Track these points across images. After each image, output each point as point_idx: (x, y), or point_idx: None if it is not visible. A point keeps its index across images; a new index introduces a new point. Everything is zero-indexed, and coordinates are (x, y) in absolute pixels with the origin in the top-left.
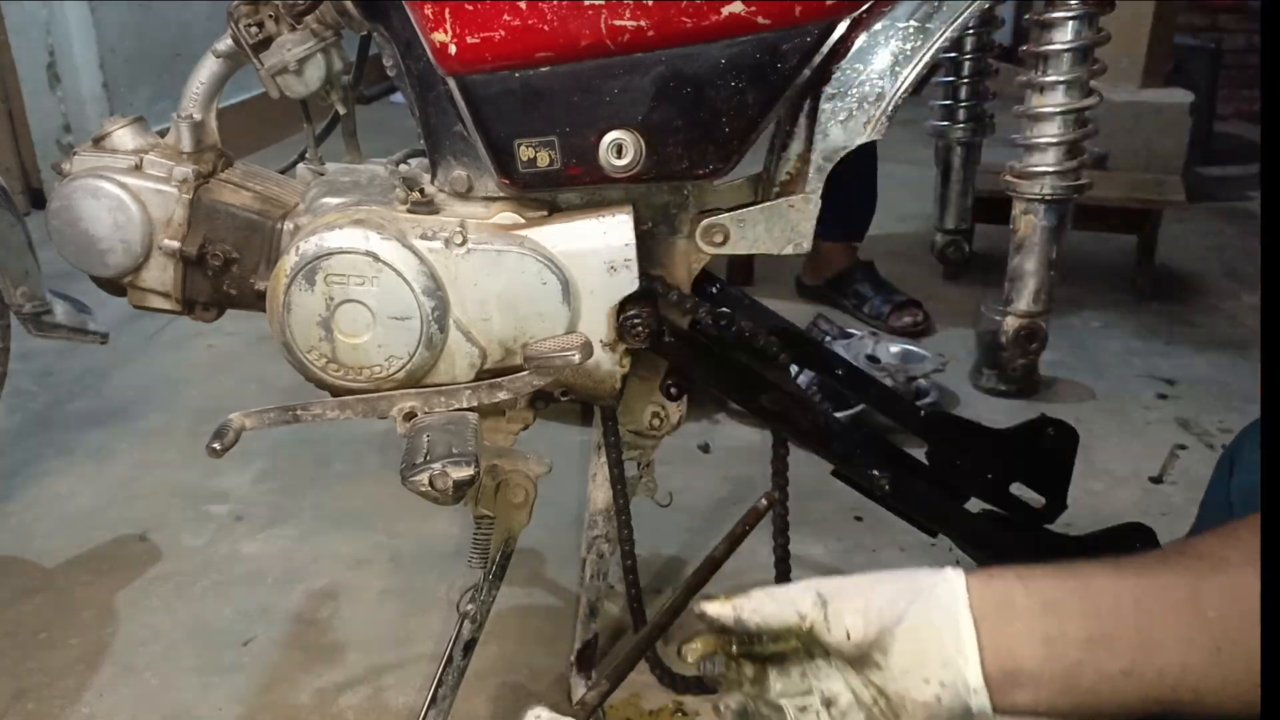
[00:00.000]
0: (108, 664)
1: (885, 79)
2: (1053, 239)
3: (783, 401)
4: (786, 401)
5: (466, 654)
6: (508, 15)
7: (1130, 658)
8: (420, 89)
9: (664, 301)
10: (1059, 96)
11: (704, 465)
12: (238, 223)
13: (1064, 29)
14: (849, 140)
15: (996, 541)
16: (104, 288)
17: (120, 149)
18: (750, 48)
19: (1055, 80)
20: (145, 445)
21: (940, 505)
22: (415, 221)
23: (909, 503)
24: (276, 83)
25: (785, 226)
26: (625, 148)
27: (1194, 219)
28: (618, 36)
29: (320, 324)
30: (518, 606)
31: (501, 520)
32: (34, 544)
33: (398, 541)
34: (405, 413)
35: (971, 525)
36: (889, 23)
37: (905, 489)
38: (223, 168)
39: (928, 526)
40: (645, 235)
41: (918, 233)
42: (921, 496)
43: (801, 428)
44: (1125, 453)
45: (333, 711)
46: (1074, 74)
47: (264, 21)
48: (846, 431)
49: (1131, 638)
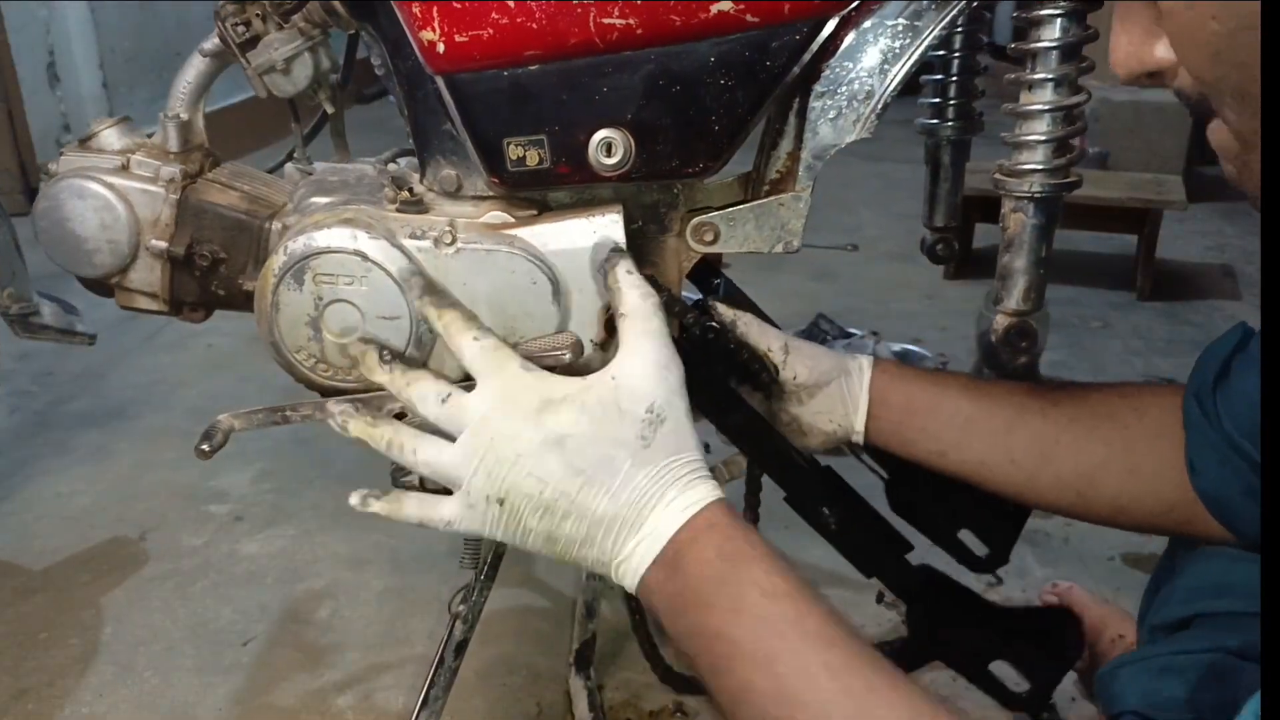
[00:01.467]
0: (108, 664)
1: (874, 77)
2: (1043, 237)
3: (752, 425)
4: (755, 425)
5: (458, 655)
6: (496, 14)
7: None
8: (408, 88)
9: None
10: (1047, 94)
11: None
12: (225, 222)
13: (1051, 26)
14: (839, 138)
15: (924, 598)
16: (91, 289)
17: (107, 149)
18: (739, 46)
19: (1043, 78)
20: (144, 445)
21: (878, 555)
22: (404, 221)
23: (851, 544)
24: (264, 82)
25: (775, 225)
26: (615, 146)
27: (1194, 219)
28: (606, 35)
29: (309, 324)
30: (516, 607)
31: None
32: (34, 544)
33: (397, 542)
34: (395, 413)
35: (904, 579)
36: (878, 20)
37: (850, 532)
38: (210, 167)
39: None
40: (635, 234)
41: (918, 233)
42: (861, 543)
43: (764, 454)
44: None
45: (331, 711)
46: (1061, 71)
47: (251, 20)
48: (808, 466)
49: None
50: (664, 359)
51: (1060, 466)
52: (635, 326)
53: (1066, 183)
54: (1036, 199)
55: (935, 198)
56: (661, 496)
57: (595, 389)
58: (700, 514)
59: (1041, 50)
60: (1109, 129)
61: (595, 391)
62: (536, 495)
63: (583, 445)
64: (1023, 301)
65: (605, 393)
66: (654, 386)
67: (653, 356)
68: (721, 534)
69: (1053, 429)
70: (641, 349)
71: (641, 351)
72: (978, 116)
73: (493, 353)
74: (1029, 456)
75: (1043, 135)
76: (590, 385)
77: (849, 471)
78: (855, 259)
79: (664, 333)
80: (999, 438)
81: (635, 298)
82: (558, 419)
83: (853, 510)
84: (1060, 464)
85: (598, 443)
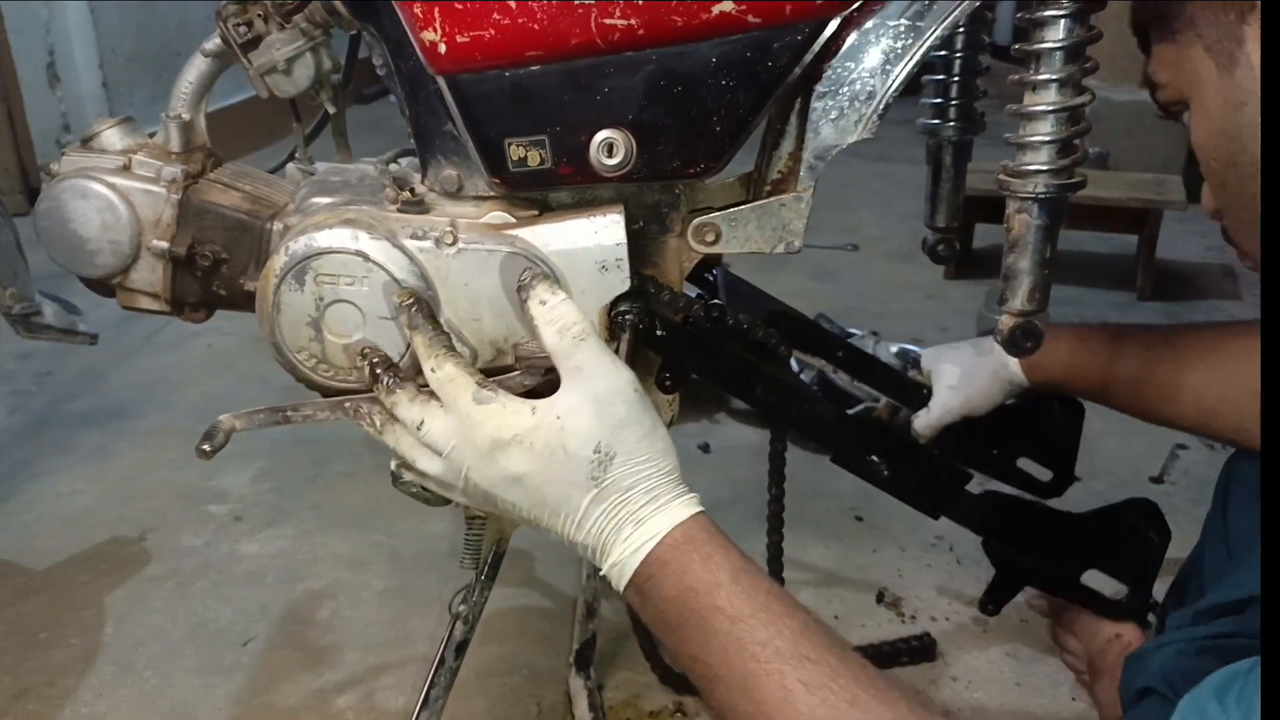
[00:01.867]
0: (108, 664)
1: (876, 77)
2: (1047, 237)
3: (778, 392)
4: (782, 392)
5: (459, 655)
6: (497, 14)
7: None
8: (410, 88)
9: (656, 300)
10: (1051, 94)
11: (704, 465)
12: (227, 223)
13: (1055, 27)
14: (840, 138)
15: (999, 522)
16: (93, 289)
17: (109, 149)
18: (741, 46)
19: (1047, 78)
20: (145, 445)
21: (941, 489)
22: (405, 221)
23: (909, 487)
24: (265, 82)
25: (777, 225)
26: (616, 147)
27: (1194, 219)
28: (608, 35)
29: (310, 324)
30: (516, 607)
31: (493, 521)
32: (34, 544)
33: (397, 541)
34: None
35: (973, 507)
36: (880, 21)
37: (905, 474)
38: (212, 168)
39: (931, 510)
40: (636, 234)
41: (918, 232)
42: (921, 481)
43: (797, 418)
44: (1126, 453)
45: (331, 711)
46: (1066, 72)
47: (253, 21)
48: (843, 420)
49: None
50: (602, 392)
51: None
52: (565, 365)
53: (1071, 183)
54: (1041, 200)
55: (937, 198)
56: (618, 533)
57: (542, 430)
58: (655, 550)
59: (1045, 51)
60: (1109, 129)
61: (543, 434)
62: (516, 514)
63: (539, 484)
64: (1028, 302)
65: (552, 436)
66: (596, 425)
67: (590, 392)
68: (679, 565)
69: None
70: (578, 385)
71: (579, 387)
72: (980, 117)
73: (447, 385)
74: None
75: (1047, 136)
76: (538, 425)
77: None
78: (855, 259)
79: (598, 361)
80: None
81: (551, 337)
82: (509, 460)
83: (902, 452)
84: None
85: (552, 484)
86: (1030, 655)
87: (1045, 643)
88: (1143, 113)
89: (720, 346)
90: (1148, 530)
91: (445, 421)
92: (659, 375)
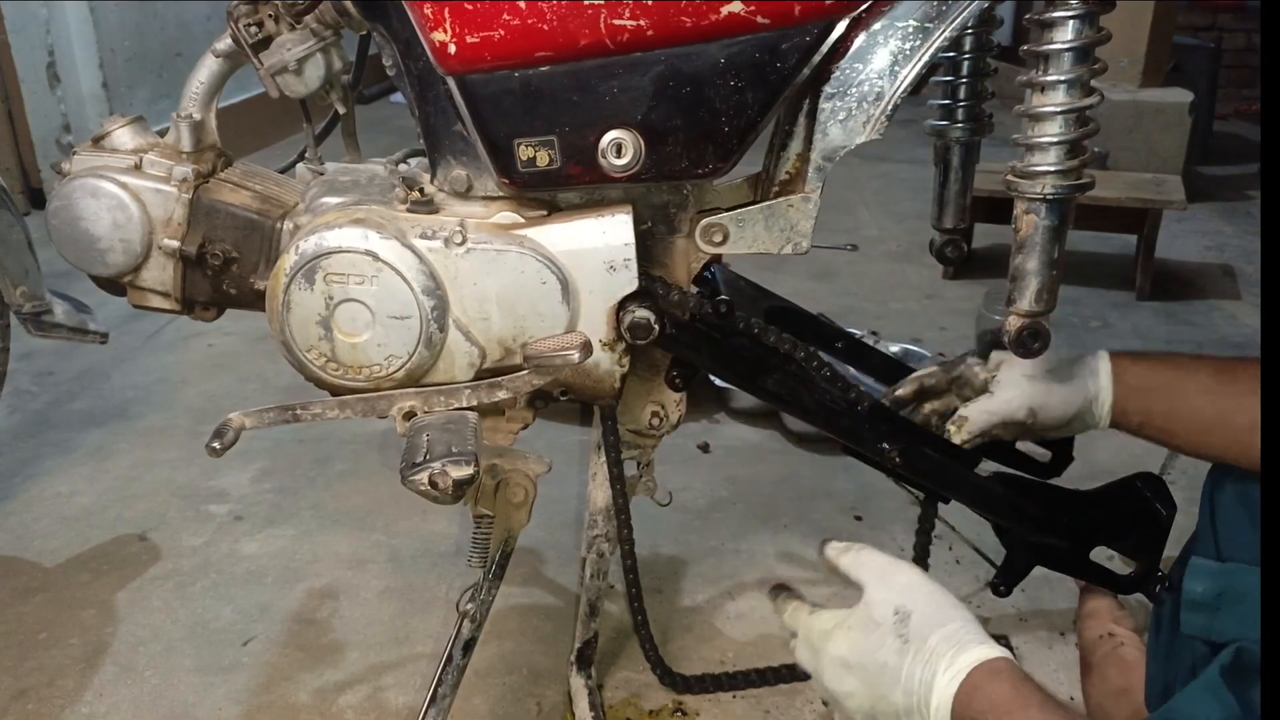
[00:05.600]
0: (108, 664)
1: (884, 78)
2: (1055, 238)
3: (787, 383)
4: (791, 382)
5: (466, 653)
6: (507, 15)
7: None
8: (420, 88)
9: (664, 301)
10: (1060, 96)
11: (704, 465)
12: (237, 222)
13: (1064, 28)
14: (848, 139)
15: (1008, 503)
16: (104, 287)
17: (120, 148)
18: (749, 47)
19: (1056, 80)
20: (145, 445)
21: (951, 472)
22: (415, 221)
23: (920, 472)
24: (276, 82)
25: (784, 226)
26: (625, 147)
27: (1194, 219)
28: (617, 36)
29: (320, 323)
30: (518, 606)
31: (501, 519)
32: (34, 544)
33: (397, 541)
34: (405, 412)
35: (983, 489)
36: (888, 22)
37: (915, 459)
38: (222, 167)
39: (941, 495)
40: (644, 234)
41: (917, 232)
42: (932, 465)
43: (807, 407)
44: (1126, 451)
45: (332, 711)
46: (1075, 73)
47: (264, 21)
48: (852, 407)
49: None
50: (884, 569)
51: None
52: (853, 573)
53: (1079, 184)
54: (1049, 200)
55: (944, 199)
56: (934, 679)
57: (855, 614)
58: (964, 683)
59: (1054, 52)
60: (1109, 129)
61: (855, 615)
62: (852, 706)
63: (863, 661)
64: (1035, 302)
65: (860, 615)
66: (887, 593)
67: (877, 573)
68: (986, 693)
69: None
70: (867, 577)
71: (868, 578)
72: (987, 118)
73: (793, 613)
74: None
75: (1055, 137)
76: (851, 612)
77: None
78: (855, 259)
79: (871, 556)
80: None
81: (850, 567)
82: (835, 646)
83: (912, 439)
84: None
85: (871, 654)
86: (1029, 654)
87: (1043, 640)
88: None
89: (729, 340)
90: (1154, 503)
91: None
92: (668, 374)
